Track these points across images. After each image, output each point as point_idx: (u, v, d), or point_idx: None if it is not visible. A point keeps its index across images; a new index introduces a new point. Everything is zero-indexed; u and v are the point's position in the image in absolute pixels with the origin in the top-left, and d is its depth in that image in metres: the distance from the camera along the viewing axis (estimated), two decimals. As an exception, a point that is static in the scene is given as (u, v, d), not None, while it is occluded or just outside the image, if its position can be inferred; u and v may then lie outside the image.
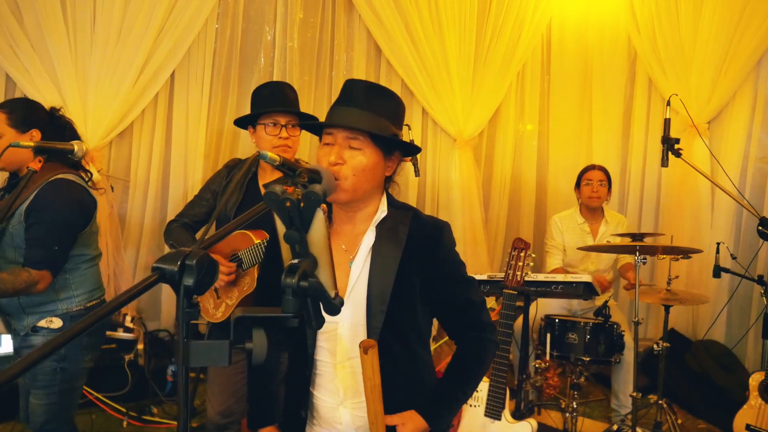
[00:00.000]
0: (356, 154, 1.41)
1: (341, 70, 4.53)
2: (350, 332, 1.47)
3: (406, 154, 1.56)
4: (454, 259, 1.57)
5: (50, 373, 2.15)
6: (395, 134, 1.48)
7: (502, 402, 2.44)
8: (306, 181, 1.28)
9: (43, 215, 2.06)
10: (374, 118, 1.42)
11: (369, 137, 1.41)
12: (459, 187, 4.55)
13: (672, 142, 2.68)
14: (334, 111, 1.45)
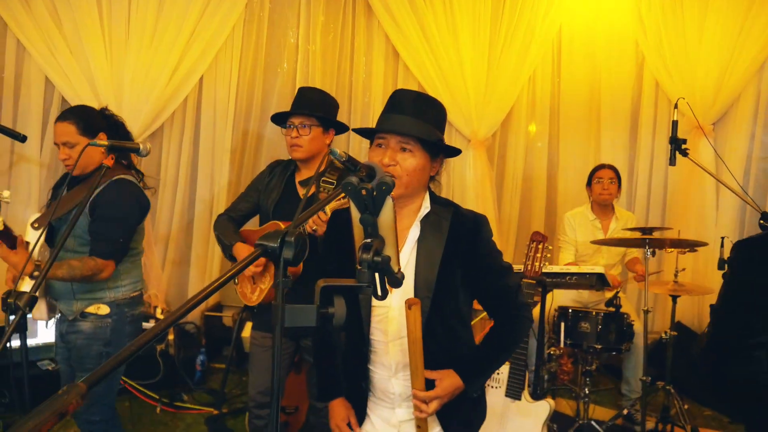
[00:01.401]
0: (408, 156, 1.59)
1: (361, 72, 4.73)
2: (399, 315, 1.64)
3: (447, 155, 1.74)
4: (492, 249, 1.73)
5: (96, 356, 2.33)
6: (440, 139, 1.66)
7: (522, 383, 2.62)
8: (364, 175, 1.49)
9: (110, 211, 2.27)
10: (423, 125, 1.60)
11: (419, 142, 1.59)
12: (473, 185, 4.74)
13: (680, 142, 2.86)
14: (387, 118, 1.63)
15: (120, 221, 2.31)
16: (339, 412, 1.75)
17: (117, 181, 2.32)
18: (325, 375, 1.82)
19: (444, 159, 1.74)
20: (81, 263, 2.21)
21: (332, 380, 1.80)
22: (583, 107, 5.09)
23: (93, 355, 2.33)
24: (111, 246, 2.28)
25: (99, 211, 2.27)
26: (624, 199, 4.88)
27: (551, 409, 2.60)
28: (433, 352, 1.61)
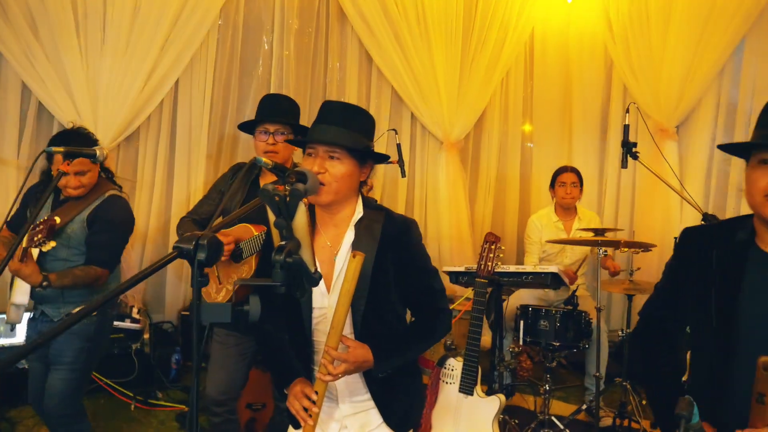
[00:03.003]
0: (336, 164, 1.69)
1: (335, 77, 4.83)
2: None
3: (376, 162, 1.84)
4: (421, 251, 1.85)
5: (77, 351, 2.50)
6: (367, 146, 1.76)
7: (475, 378, 2.71)
8: (294, 181, 1.59)
9: (108, 225, 2.55)
10: (349, 134, 1.71)
11: (346, 150, 1.70)
12: (446, 187, 4.84)
13: (631, 146, 2.96)
14: (316, 129, 1.73)
15: (117, 233, 2.60)
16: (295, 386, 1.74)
17: (112, 197, 2.61)
18: (276, 369, 1.89)
19: (373, 165, 1.83)
20: (84, 273, 2.46)
21: (285, 371, 1.84)
22: (556, 110, 5.21)
23: (75, 349, 2.50)
24: (109, 255, 2.55)
25: (98, 225, 2.53)
26: (594, 199, 4.99)
27: (501, 404, 2.69)
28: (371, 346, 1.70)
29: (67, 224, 2.51)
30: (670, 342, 1.70)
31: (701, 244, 1.58)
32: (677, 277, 1.64)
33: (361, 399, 1.80)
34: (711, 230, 1.64)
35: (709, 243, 1.56)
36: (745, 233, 1.51)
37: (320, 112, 1.79)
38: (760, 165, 1.41)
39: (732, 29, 4.11)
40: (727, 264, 1.49)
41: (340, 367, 1.63)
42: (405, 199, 4.98)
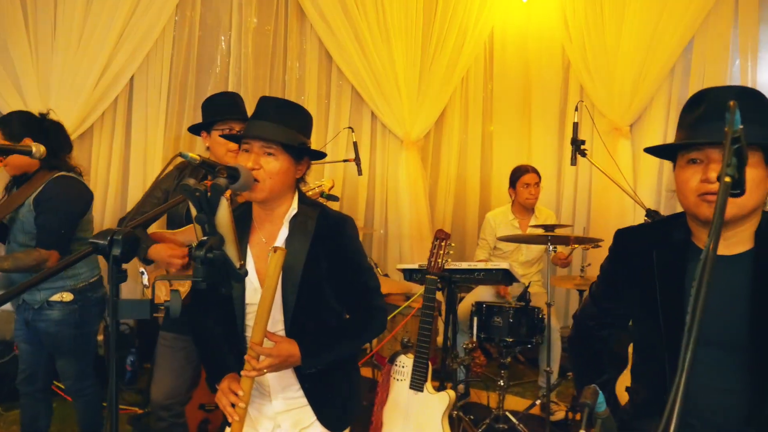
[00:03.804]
0: (271, 160, 1.69)
1: (294, 76, 4.81)
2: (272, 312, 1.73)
3: (312, 158, 1.84)
4: (356, 248, 1.85)
5: (72, 338, 2.61)
6: (303, 142, 1.75)
7: (425, 375, 2.73)
8: (226, 177, 1.58)
9: (50, 205, 2.50)
10: (285, 130, 1.70)
11: (281, 146, 1.69)
12: (406, 185, 4.86)
13: (579, 143, 3.01)
14: (251, 124, 1.73)
15: (61, 213, 2.55)
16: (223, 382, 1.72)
17: (56, 179, 2.55)
18: (209, 364, 1.89)
19: (310, 161, 1.83)
20: (25, 255, 2.45)
21: (217, 366, 1.83)
22: (515, 109, 5.27)
23: (67, 338, 2.61)
24: (53, 236, 2.51)
25: (42, 206, 2.49)
26: (553, 199, 5.06)
27: (451, 400, 2.71)
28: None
29: (19, 209, 2.53)
30: (606, 348, 1.72)
31: (639, 245, 1.57)
32: (615, 279, 1.63)
33: (293, 396, 1.79)
34: (646, 230, 1.63)
35: (647, 243, 1.55)
36: (681, 232, 1.51)
37: (256, 108, 1.78)
38: (689, 165, 1.41)
39: (681, 29, 4.21)
40: (668, 263, 1.49)
41: (264, 362, 1.62)
42: (365, 197, 4.98)
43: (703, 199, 1.36)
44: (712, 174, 1.33)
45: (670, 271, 1.48)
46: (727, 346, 1.37)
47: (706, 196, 1.35)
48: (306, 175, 1.85)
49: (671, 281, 1.47)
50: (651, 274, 1.50)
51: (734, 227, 1.40)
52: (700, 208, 1.38)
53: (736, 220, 1.38)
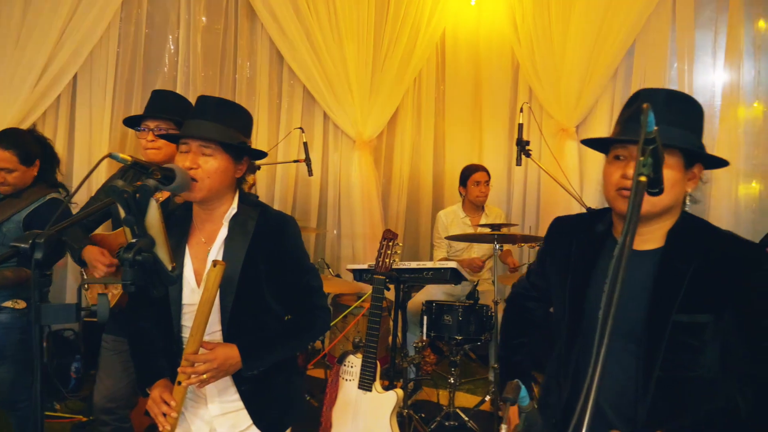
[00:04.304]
0: (209, 159, 1.67)
1: (244, 76, 4.75)
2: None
3: (253, 158, 1.83)
4: (297, 248, 1.84)
5: (16, 343, 2.60)
6: (243, 142, 1.74)
7: (373, 375, 2.74)
8: (160, 178, 1.55)
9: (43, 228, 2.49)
10: (224, 129, 1.69)
11: (220, 145, 1.68)
12: (359, 185, 4.87)
13: (524, 144, 3.08)
14: (189, 123, 1.70)
15: None
16: (154, 389, 1.71)
17: (50, 201, 2.66)
18: (140, 367, 1.85)
19: (250, 161, 1.81)
20: (14, 274, 2.54)
21: (148, 369, 1.80)
22: (467, 109, 5.34)
23: (13, 342, 2.61)
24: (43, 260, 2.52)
25: (33, 227, 2.54)
26: (504, 198, 5.15)
27: (399, 399, 2.73)
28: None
29: (3, 223, 2.59)
30: (531, 317, 1.81)
31: (565, 234, 1.64)
32: (544, 263, 1.71)
33: (230, 399, 1.77)
34: (575, 220, 1.70)
35: (571, 232, 1.62)
36: (604, 224, 1.57)
37: (195, 107, 1.76)
38: (614, 160, 1.45)
39: (624, 33, 4.34)
40: (583, 253, 1.55)
41: (201, 367, 1.60)
42: (318, 198, 4.97)
43: (620, 193, 1.42)
44: (630, 171, 1.38)
45: (583, 260, 1.55)
46: (625, 336, 1.42)
47: (623, 191, 1.41)
48: (247, 175, 1.83)
49: (580, 270, 1.54)
50: (567, 261, 1.56)
51: (648, 224, 1.45)
52: (617, 202, 1.45)
53: (650, 217, 1.43)
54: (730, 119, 4.01)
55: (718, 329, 1.40)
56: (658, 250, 1.47)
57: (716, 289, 1.40)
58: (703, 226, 1.51)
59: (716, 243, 1.45)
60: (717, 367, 1.42)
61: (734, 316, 1.40)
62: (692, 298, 1.39)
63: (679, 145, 1.40)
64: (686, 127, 1.44)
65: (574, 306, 1.52)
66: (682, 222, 1.48)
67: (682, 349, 1.41)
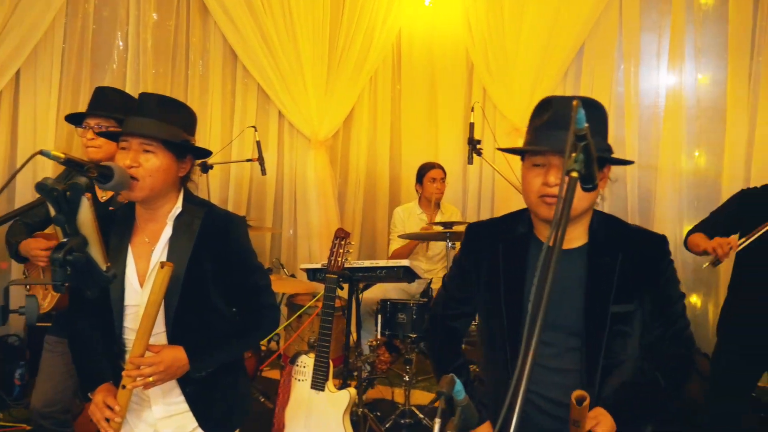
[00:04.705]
0: (150, 157, 1.64)
1: (197, 73, 4.68)
2: None
3: (197, 156, 1.81)
4: (244, 247, 1.82)
5: None
6: (186, 140, 1.72)
7: (326, 374, 2.73)
8: (96, 176, 1.51)
9: None
10: (165, 127, 1.66)
11: (162, 143, 1.65)
12: (315, 185, 4.85)
13: (475, 143, 3.12)
14: (130, 121, 1.67)
15: None
16: (97, 394, 1.66)
17: None
18: (81, 370, 1.81)
19: (194, 159, 1.79)
20: None
21: (90, 373, 1.76)
22: (423, 109, 5.36)
23: None
24: None
25: None
26: (459, 196, 5.20)
27: (352, 398, 2.73)
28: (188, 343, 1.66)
29: None
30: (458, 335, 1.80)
31: (487, 239, 1.65)
32: (465, 272, 1.70)
33: (174, 401, 1.74)
34: (494, 225, 1.72)
35: (494, 237, 1.64)
36: (524, 226, 1.61)
37: (137, 104, 1.73)
38: (533, 167, 1.49)
39: (574, 36, 4.44)
40: (512, 256, 1.58)
41: (147, 370, 1.56)
42: (273, 197, 4.93)
43: (543, 200, 1.46)
44: (551, 178, 1.43)
45: (513, 262, 1.58)
46: (565, 330, 1.49)
47: (546, 198, 1.45)
48: (192, 173, 1.81)
49: (513, 272, 1.57)
50: (497, 265, 1.59)
51: (572, 224, 1.50)
52: (540, 208, 1.48)
53: (575, 216, 1.49)
54: (674, 119, 4.14)
55: (640, 314, 1.52)
56: (583, 247, 1.54)
57: (637, 279, 1.51)
58: (615, 221, 1.62)
59: (630, 236, 1.57)
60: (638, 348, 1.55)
61: (650, 301, 1.52)
62: (621, 289, 1.49)
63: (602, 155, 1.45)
64: (597, 132, 1.49)
65: (513, 309, 1.54)
66: (597, 219, 1.56)
67: (619, 336, 1.50)
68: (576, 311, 1.49)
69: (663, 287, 1.54)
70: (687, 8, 4.09)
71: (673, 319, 1.57)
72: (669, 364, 1.56)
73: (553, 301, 1.47)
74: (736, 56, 3.90)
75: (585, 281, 1.49)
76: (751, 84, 3.88)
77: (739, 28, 3.89)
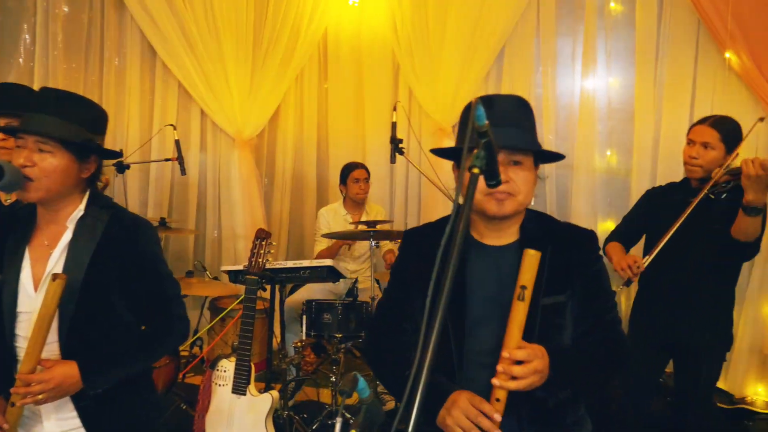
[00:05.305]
0: (47, 157, 1.55)
1: (113, 70, 4.49)
2: None
3: (104, 157, 1.72)
4: (152, 253, 1.75)
5: None
6: (89, 139, 1.63)
7: (247, 378, 2.68)
8: (-17, 176, 1.42)
9: None
10: (64, 125, 1.57)
11: (60, 142, 1.56)
12: (239, 184, 4.76)
13: (397, 142, 3.14)
14: (26, 118, 1.57)
15: None
16: None
17: None
18: None
19: (100, 160, 1.71)
20: None
21: None
22: (350, 109, 5.35)
23: None
24: None
25: None
26: (386, 196, 5.23)
27: (274, 401, 2.69)
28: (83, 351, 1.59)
29: None
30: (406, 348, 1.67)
31: (426, 242, 1.63)
32: (405, 278, 1.67)
33: (67, 416, 1.65)
34: (431, 229, 1.71)
35: (432, 242, 1.62)
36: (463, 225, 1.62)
37: (35, 100, 1.63)
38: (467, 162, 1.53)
39: (495, 38, 4.54)
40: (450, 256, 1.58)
41: (36, 387, 1.48)
42: (196, 198, 4.79)
43: (493, 197, 1.47)
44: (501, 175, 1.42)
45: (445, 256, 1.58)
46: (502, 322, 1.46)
47: (496, 194, 1.47)
48: (104, 175, 1.74)
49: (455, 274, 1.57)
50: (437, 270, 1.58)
51: (508, 222, 1.55)
52: (488, 205, 1.49)
53: (514, 215, 1.53)
54: (588, 120, 4.32)
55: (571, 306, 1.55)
56: (514, 243, 1.57)
57: (567, 271, 1.55)
58: (545, 217, 1.65)
59: (559, 231, 1.61)
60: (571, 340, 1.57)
61: (580, 294, 1.55)
62: (551, 282, 1.52)
63: (535, 149, 1.51)
64: (531, 130, 1.54)
65: (457, 309, 1.53)
66: (529, 216, 1.60)
67: (552, 328, 1.53)
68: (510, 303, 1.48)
69: (592, 280, 1.57)
70: (598, 15, 4.28)
71: (603, 311, 1.59)
72: (602, 349, 1.56)
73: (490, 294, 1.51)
74: (643, 61, 4.11)
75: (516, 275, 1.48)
76: (656, 87, 4.10)
77: (645, 35, 4.10)
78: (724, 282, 2.66)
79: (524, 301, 1.34)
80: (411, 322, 1.65)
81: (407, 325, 1.66)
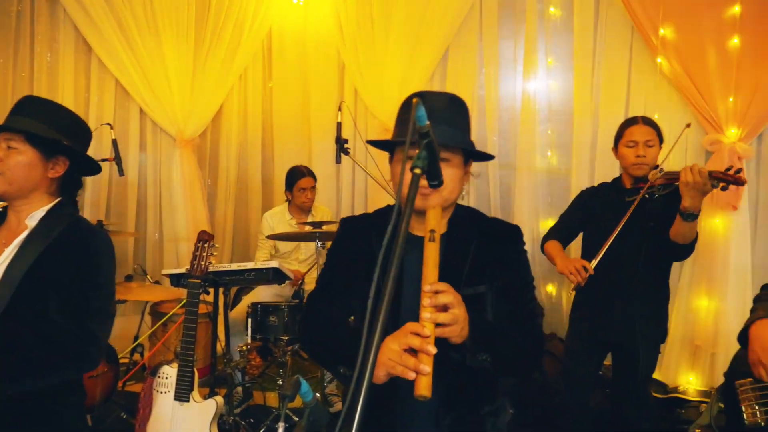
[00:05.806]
0: (13, 154, 1.61)
1: (44, 65, 4.29)
2: None
3: (82, 165, 1.75)
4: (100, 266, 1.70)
5: None
6: (57, 140, 1.65)
7: (190, 384, 2.61)
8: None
9: None
10: (33, 123, 1.62)
11: (26, 140, 1.61)
12: (181, 186, 4.63)
13: (342, 142, 3.13)
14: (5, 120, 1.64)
15: None
16: None
17: None
18: None
19: (68, 162, 1.73)
20: None
21: None
22: (295, 109, 5.29)
23: None
24: None
25: None
26: (333, 197, 5.20)
27: (219, 407, 2.63)
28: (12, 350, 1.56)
29: None
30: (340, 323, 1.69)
31: (361, 233, 1.65)
32: (338, 264, 1.69)
33: None
34: (369, 218, 1.73)
35: (368, 231, 1.65)
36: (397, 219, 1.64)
37: (15, 106, 1.72)
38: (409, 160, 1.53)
39: (439, 39, 4.59)
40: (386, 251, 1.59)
41: None
42: (136, 199, 4.64)
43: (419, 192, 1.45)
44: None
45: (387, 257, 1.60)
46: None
47: (421, 189, 1.48)
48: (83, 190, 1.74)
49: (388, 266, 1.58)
50: (372, 258, 1.59)
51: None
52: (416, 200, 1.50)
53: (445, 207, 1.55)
54: (529, 122, 4.43)
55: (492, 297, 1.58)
56: (444, 235, 1.59)
57: (490, 263, 1.59)
58: (473, 212, 1.71)
59: (486, 225, 1.66)
60: None
61: (501, 285, 1.59)
62: (473, 272, 1.55)
63: (463, 147, 1.53)
64: (462, 128, 1.56)
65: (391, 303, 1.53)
66: (457, 211, 1.65)
67: None
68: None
69: (514, 272, 1.61)
70: (539, 18, 4.39)
71: (523, 302, 1.62)
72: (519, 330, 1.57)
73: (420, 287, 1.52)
74: (581, 65, 4.24)
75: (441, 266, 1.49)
76: (593, 91, 4.24)
77: (582, 39, 4.23)
78: (659, 277, 2.77)
79: (435, 242, 1.36)
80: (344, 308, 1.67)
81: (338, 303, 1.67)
